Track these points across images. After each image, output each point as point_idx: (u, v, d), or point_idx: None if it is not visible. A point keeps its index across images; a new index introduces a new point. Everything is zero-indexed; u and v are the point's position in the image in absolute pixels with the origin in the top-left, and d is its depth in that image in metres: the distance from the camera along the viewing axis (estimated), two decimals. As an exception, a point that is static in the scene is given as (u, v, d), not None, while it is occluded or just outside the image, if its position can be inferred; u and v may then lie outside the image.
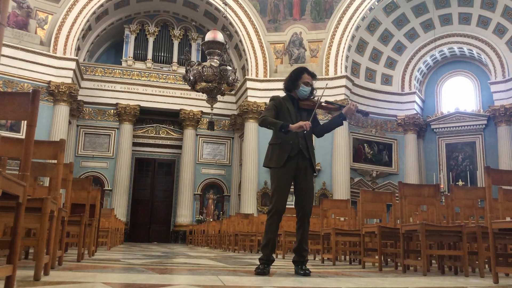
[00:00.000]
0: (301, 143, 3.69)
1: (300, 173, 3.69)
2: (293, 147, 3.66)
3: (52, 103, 15.05)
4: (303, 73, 3.80)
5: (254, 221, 9.22)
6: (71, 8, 15.62)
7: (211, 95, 7.81)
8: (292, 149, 3.66)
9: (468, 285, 3.13)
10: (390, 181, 16.75)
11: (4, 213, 2.41)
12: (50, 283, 2.49)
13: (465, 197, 4.74)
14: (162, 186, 18.52)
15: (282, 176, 3.65)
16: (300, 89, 3.77)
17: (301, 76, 3.78)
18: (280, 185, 3.64)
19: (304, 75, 3.79)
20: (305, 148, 3.71)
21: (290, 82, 3.83)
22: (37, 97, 2.11)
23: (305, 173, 3.71)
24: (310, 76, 3.81)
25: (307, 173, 3.72)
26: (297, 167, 3.67)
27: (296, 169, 3.67)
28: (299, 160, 3.68)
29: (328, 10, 16.65)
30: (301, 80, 3.77)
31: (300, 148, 3.68)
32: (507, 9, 15.41)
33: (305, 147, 3.70)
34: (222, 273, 3.41)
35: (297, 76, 3.80)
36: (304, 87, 3.76)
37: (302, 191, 3.68)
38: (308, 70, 3.85)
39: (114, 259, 5.14)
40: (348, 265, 5.39)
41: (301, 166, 3.69)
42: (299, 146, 3.67)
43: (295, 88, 3.79)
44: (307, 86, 3.77)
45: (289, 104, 3.78)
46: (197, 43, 18.66)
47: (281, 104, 3.77)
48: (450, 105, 17.64)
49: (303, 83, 3.76)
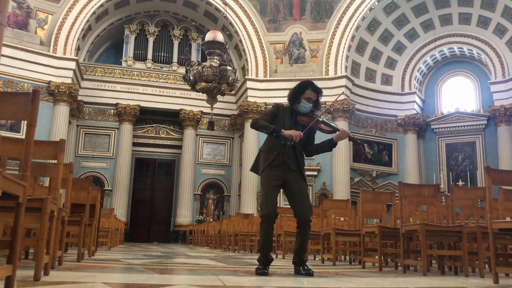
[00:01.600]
0: (287, 154, 3.60)
1: (289, 185, 3.62)
2: (277, 157, 3.59)
3: (52, 103, 15.05)
4: (307, 88, 3.68)
5: (254, 221, 9.23)
6: (71, 8, 15.62)
7: (211, 95, 7.81)
8: (275, 159, 3.59)
9: (468, 285, 3.13)
10: (390, 181, 16.75)
11: (4, 213, 2.41)
12: (50, 283, 2.49)
13: (465, 197, 4.74)
14: (162, 186, 18.52)
15: (270, 178, 3.60)
16: (301, 104, 3.68)
17: (305, 91, 3.67)
18: (269, 189, 3.59)
19: (308, 91, 3.67)
20: (292, 159, 3.62)
21: (292, 94, 3.73)
22: (37, 97, 2.11)
23: (295, 183, 3.63)
24: (315, 92, 3.68)
25: (297, 182, 3.64)
26: (284, 174, 3.61)
27: (284, 175, 3.61)
28: (285, 171, 3.60)
29: (328, 10, 16.65)
30: (303, 95, 3.67)
31: (285, 159, 3.60)
32: (507, 9, 15.41)
33: (292, 158, 3.62)
34: (222, 273, 3.41)
35: (300, 90, 3.70)
36: (305, 103, 3.67)
37: (296, 200, 3.62)
38: (313, 85, 3.71)
39: (114, 259, 5.14)
40: (348, 265, 5.39)
41: (288, 178, 3.62)
42: (283, 158, 3.60)
43: (297, 102, 3.70)
44: (308, 102, 3.67)
45: (286, 115, 3.70)
46: (197, 43, 18.66)
47: (279, 113, 3.70)
48: (450, 105, 17.64)
49: (305, 98, 3.66)
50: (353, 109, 16.21)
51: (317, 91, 3.70)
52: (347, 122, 15.99)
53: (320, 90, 3.74)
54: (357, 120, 16.76)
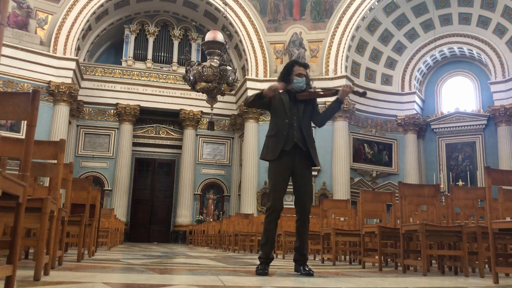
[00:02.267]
0: (296, 136, 3.60)
1: (297, 169, 3.62)
2: (287, 140, 3.58)
3: (52, 103, 15.05)
4: (294, 66, 3.75)
5: (254, 221, 9.22)
6: (71, 8, 15.62)
7: (211, 95, 7.81)
8: (286, 142, 3.58)
9: (468, 285, 3.13)
10: (390, 181, 16.75)
11: (4, 213, 2.41)
12: (50, 283, 2.49)
13: (465, 197, 4.74)
14: (162, 186, 18.52)
15: (278, 171, 3.60)
16: (295, 82, 3.70)
17: (293, 69, 3.73)
18: (277, 182, 3.60)
19: (296, 67, 3.73)
20: (302, 141, 3.62)
21: (282, 77, 3.77)
22: (37, 97, 2.11)
23: (303, 168, 3.64)
24: (303, 67, 3.76)
25: (305, 168, 3.66)
26: (293, 162, 3.61)
27: (292, 164, 3.61)
28: (295, 154, 3.61)
29: (328, 10, 16.65)
30: (293, 73, 3.71)
31: (296, 141, 3.60)
32: (507, 9, 15.41)
33: (301, 140, 3.62)
34: (222, 273, 3.41)
35: (288, 70, 3.76)
36: (298, 78, 3.70)
37: (301, 188, 3.63)
38: (298, 61, 3.82)
39: (114, 259, 5.14)
40: (348, 265, 5.39)
41: (298, 161, 3.62)
42: (294, 140, 3.59)
43: (289, 82, 3.72)
44: (300, 77, 3.70)
45: (283, 95, 3.72)
46: (197, 43, 18.66)
47: (275, 96, 3.71)
48: (450, 105, 17.64)
49: (296, 75, 3.70)
50: (353, 109, 16.21)
51: (304, 65, 3.80)
52: (347, 122, 16.00)
53: (307, 64, 3.89)
54: (357, 120, 16.76)
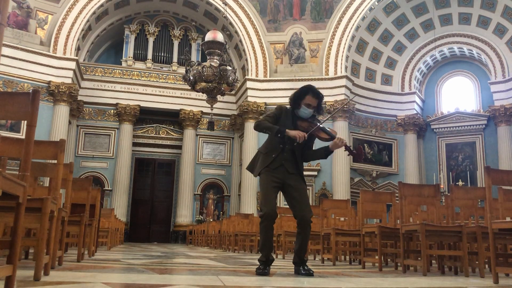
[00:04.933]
0: (285, 157, 3.61)
1: (289, 182, 3.62)
2: (274, 160, 3.60)
3: (52, 103, 15.05)
4: (307, 94, 3.65)
5: (254, 221, 9.23)
6: (71, 8, 15.62)
7: (211, 95, 7.80)
8: (273, 162, 3.60)
9: (468, 285, 3.13)
10: (390, 181, 16.75)
11: (4, 213, 2.41)
12: (50, 283, 2.49)
13: (465, 197, 4.74)
14: (162, 186, 18.52)
15: (269, 179, 3.61)
16: (301, 110, 3.67)
17: (304, 97, 3.65)
18: (268, 189, 3.60)
19: (308, 97, 3.64)
20: (290, 162, 3.62)
21: (293, 99, 3.72)
22: (37, 97, 2.11)
23: (294, 185, 3.63)
24: (315, 98, 3.66)
25: (296, 185, 3.64)
26: (284, 175, 3.61)
27: (283, 177, 3.61)
28: (284, 174, 3.60)
29: (328, 10, 16.64)
30: (303, 101, 3.65)
31: (283, 163, 3.60)
32: (507, 9, 15.41)
33: (290, 161, 3.62)
34: (222, 273, 3.41)
35: (300, 95, 3.67)
36: (305, 108, 3.66)
37: (296, 201, 3.62)
38: (314, 90, 3.67)
39: (114, 259, 5.14)
40: (348, 265, 5.39)
41: (287, 181, 3.62)
42: (281, 161, 3.60)
43: (297, 108, 3.70)
44: (308, 108, 3.66)
45: (288, 119, 3.70)
46: (197, 43, 18.65)
47: (281, 116, 3.70)
48: (450, 105, 17.64)
49: (305, 104, 3.65)
50: (353, 109, 16.21)
51: (318, 96, 3.67)
52: (347, 122, 15.99)
53: (321, 95, 3.72)
54: (357, 120, 16.76)
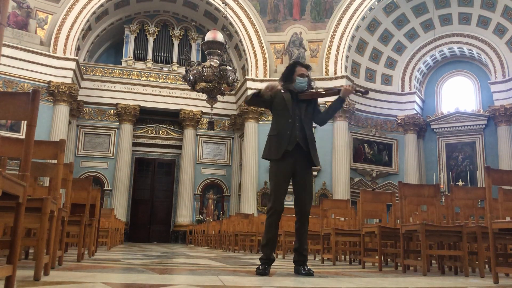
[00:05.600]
0: (298, 135, 3.64)
1: (298, 169, 3.65)
2: (290, 140, 3.61)
3: (52, 103, 15.05)
4: (296, 66, 3.80)
5: (254, 221, 9.22)
6: (71, 8, 15.62)
7: (211, 95, 7.81)
8: (289, 142, 3.61)
9: (468, 285, 3.13)
10: (390, 181, 16.75)
11: (4, 213, 2.41)
12: (50, 283, 2.49)
13: (465, 197, 4.74)
14: (162, 186, 18.52)
15: (280, 172, 3.63)
16: (297, 82, 3.73)
17: (295, 70, 3.77)
18: (279, 182, 3.62)
19: (298, 68, 3.78)
20: (303, 140, 3.65)
21: (285, 78, 3.80)
22: (37, 97, 2.11)
23: (304, 168, 3.68)
24: (304, 68, 3.80)
25: (306, 168, 3.69)
26: (295, 162, 3.64)
27: (294, 164, 3.64)
28: (297, 154, 3.64)
29: (328, 10, 16.64)
30: (296, 73, 3.75)
31: (298, 141, 3.63)
32: (507, 9, 15.41)
33: (303, 139, 3.65)
34: (222, 273, 3.41)
35: (290, 70, 3.80)
36: (300, 79, 3.73)
37: (302, 188, 3.65)
38: (300, 62, 3.88)
39: (114, 259, 5.14)
40: (348, 265, 5.39)
41: (299, 161, 3.65)
42: (296, 139, 3.62)
43: (292, 82, 3.76)
44: (303, 78, 3.74)
45: (286, 95, 3.75)
46: (197, 43, 18.65)
47: (276, 93, 3.74)
48: (450, 105, 17.64)
49: (298, 75, 3.74)
50: (353, 109, 16.21)
51: (306, 66, 3.85)
52: (347, 122, 16.00)
53: (309, 65, 3.93)
54: (357, 120, 16.76)
